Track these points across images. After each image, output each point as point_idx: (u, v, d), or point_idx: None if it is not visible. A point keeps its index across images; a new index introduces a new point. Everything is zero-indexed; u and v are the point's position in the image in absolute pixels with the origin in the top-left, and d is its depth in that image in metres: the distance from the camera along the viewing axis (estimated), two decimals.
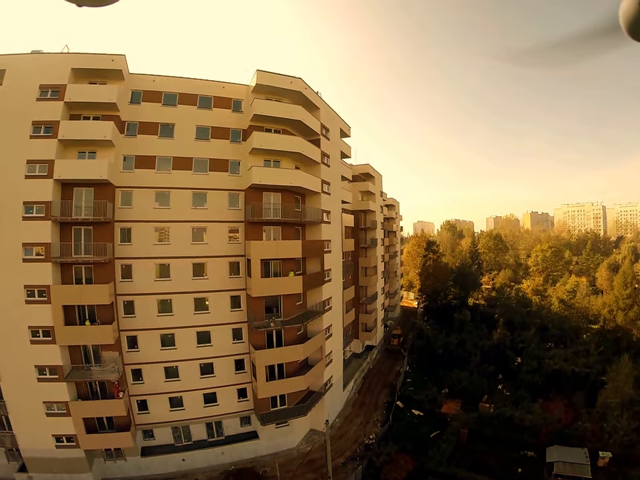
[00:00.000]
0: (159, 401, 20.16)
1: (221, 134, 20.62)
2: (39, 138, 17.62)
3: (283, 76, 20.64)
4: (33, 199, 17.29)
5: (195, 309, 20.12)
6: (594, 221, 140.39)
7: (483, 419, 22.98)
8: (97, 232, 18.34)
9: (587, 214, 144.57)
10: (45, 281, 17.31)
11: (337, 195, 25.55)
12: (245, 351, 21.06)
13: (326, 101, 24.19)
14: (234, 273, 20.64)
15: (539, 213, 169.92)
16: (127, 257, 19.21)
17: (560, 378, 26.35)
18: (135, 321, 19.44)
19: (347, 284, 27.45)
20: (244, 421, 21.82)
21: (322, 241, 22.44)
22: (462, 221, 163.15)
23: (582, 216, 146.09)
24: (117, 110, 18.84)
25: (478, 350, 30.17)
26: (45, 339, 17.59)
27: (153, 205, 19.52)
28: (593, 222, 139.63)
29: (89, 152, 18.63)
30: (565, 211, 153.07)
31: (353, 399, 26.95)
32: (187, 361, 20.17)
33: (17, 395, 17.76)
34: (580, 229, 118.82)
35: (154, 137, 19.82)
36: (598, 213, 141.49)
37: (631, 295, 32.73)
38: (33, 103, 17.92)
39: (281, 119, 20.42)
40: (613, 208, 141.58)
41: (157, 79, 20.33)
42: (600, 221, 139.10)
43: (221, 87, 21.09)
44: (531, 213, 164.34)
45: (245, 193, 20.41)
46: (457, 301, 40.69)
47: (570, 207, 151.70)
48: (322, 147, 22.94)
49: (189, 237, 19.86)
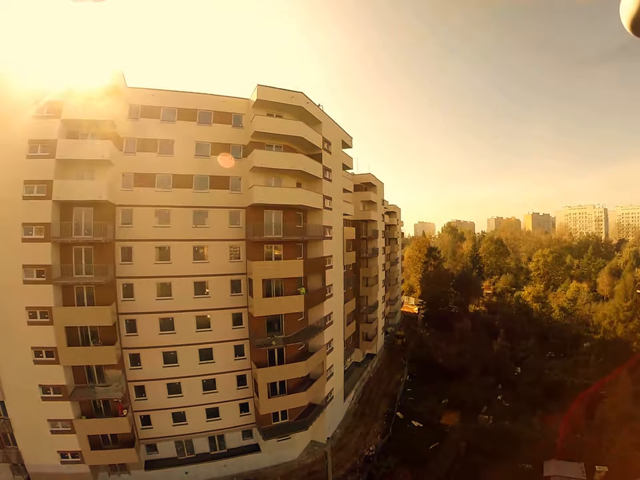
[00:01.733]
0: (162, 416, 20.40)
1: (221, 150, 20.29)
2: (36, 158, 17.37)
3: (284, 91, 20.19)
4: (31, 220, 17.15)
5: (197, 326, 20.17)
6: (596, 223, 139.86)
7: (482, 431, 23.29)
8: (98, 252, 18.23)
9: (589, 216, 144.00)
10: (47, 303, 17.31)
11: (338, 208, 25.33)
12: (246, 367, 21.20)
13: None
14: (235, 291, 20.61)
15: (540, 214, 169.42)
16: (128, 276, 19.15)
17: (559, 389, 26.62)
18: (137, 340, 19.51)
19: (347, 296, 27.49)
20: (246, 434, 22.14)
21: (323, 257, 22.35)
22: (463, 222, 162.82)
23: (584, 218, 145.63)
24: (114, 127, 18.51)
25: (478, 360, 30.44)
26: (49, 359, 17.71)
27: (154, 223, 19.35)
28: (595, 224, 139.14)
29: (88, 171, 18.38)
30: (566, 213, 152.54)
31: (353, 409, 27.31)
32: (189, 377, 20.34)
33: (21, 413, 17.99)
34: (582, 232, 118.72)
35: (153, 154, 19.52)
36: (600, 216, 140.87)
37: (631, 307, 32.78)
38: (29, 120, 17.59)
39: (283, 136, 20.08)
40: (615, 210, 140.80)
41: (155, 93, 19.90)
42: (602, 224, 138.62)
43: (221, 101, 20.66)
44: (532, 214, 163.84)
45: (246, 210, 20.21)
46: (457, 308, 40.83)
47: (572, 209, 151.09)
48: (324, 161, 22.61)
49: (190, 256, 19.77)
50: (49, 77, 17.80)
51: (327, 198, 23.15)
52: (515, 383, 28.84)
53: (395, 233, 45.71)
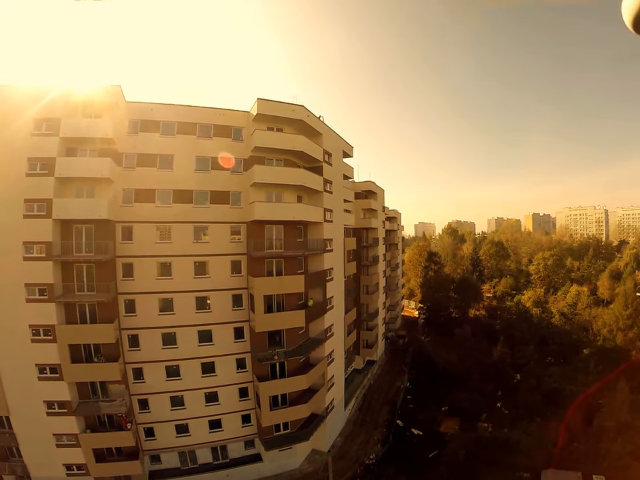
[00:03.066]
0: (165, 428, 20.67)
1: (221, 164, 20.16)
2: (36, 176, 17.27)
3: (285, 104, 19.99)
4: (32, 239, 17.14)
5: (199, 340, 20.30)
6: (596, 224, 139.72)
7: (481, 440, 23.59)
8: (99, 269, 18.26)
9: (590, 217, 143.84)
10: (50, 321, 17.41)
11: (339, 219, 25.27)
12: (248, 380, 21.41)
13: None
14: (237, 305, 20.70)
15: (541, 215, 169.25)
16: (130, 292, 19.21)
17: (558, 397, 26.89)
18: (140, 354, 19.67)
19: (348, 304, 27.60)
20: (248, 444, 22.45)
21: (324, 271, 22.38)
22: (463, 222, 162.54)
23: (584, 219, 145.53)
24: (114, 143, 18.38)
25: (478, 367, 30.69)
26: (53, 376, 17.87)
27: (154, 239, 19.35)
28: (595, 226, 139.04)
29: (87, 188, 18.30)
30: (567, 214, 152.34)
31: (354, 417, 27.66)
32: (192, 390, 20.55)
33: (26, 427, 18.21)
34: (582, 233, 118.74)
35: (153, 169, 19.42)
36: (600, 217, 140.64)
37: (631, 316, 32.93)
38: (28, 137, 17.47)
39: (284, 150, 19.93)
40: (615, 211, 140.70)
41: (154, 107, 19.69)
42: (602, 225, 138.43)
43: (221, 114, 20.46)
44: (532, 214, 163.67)
45: (247, 225, 20.16)
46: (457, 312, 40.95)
47: (572, 210, 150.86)
48: (324, 174, 22.49)
49: (191, 271, 19.80)
50: (47, 94, 17.61)
51: (328, 210, 23.08)
52: (514, 389, 29.16)
53: (395, 238, 45.69)
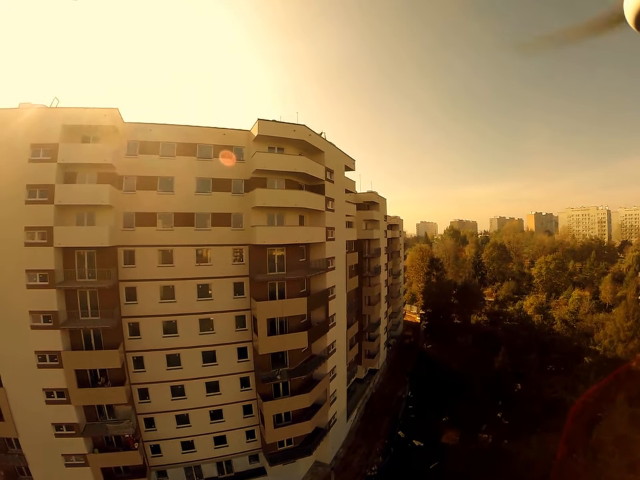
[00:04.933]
0: (171, 445, 21.09)
1: (222, 186, 19.96)
2: (35, 203, 17.13)
3: (286, 124, 19.63)
4: (35, 267, 17.14)
5: (203, 361, 20.51)
6: (598, 225, 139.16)
7: (481, 452, 24.03)
8: (103, 296, 18.30)
9: (592, 218, 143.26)
10: (55, 347, 17.57)
11: (341, 236, 25.13)
12: (252, 397, 21.71)
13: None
14: (240, 326, 20.82)
15: (543, 214, 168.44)
16: (134, 315, 19.32)
17: (559, 407, 27.22)
18: (145, 375, 19.91)
19: (350, 317, 27.72)
20: (252, 459, 22.92)
21: (326, 289, 22.40)
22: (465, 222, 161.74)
23: (586, 220, 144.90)
24: (113, 167, 18.16)
25: (479, 376, 30.95)
26: (60, 399, 18.16)
27: (157, 263, 19.31)
28: (598, 226, 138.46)
29: (88, 213, 18.17)
30: (569, 214, 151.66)
31: (356, 428, 28.13)
32: (197, 408, 20.88)
33: (35, 449, 18.59)
34: (585, 235, 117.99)
35: (153, 192, 19.23)
36: (603, 217, 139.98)
37: (632, 327, 33.04)
38: (26, 164, 17.25)
39: (285, 171, 19.67)
40: (618, 211, 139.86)
41: (153, 127, 19.38)
42: (605, 225, 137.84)
43: (221, 134, 20.14)
44: (535, 214, 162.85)
45: (249, 248, 20.08)
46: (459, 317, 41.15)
47: (574, 211, 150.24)
48: (326, 192, 22.24)
49: (194, 294, 19.84)
50: (43, 119, 17.30)
51: (330, 229, 22.94)
52: (515, 399, 29.53)
53: (397, 245, 45.58)
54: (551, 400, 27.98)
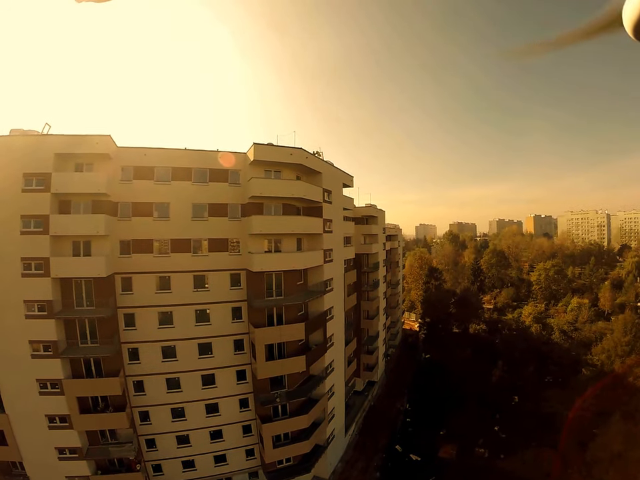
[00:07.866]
0: (172, 464, 21.49)
1: (218, 211, 19.74)
2: (30, 234, 17.04)
3: (282, 148, 19.26)
4: (32, 297, 17.19)
5: (203, 384, 20.70)
6: (598, 229, 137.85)
7: (477, 467, 24.37)
8: (101, 324, 18.37)
9: (591, 222, 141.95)
10: (56, 375, 17.77)
11: (339, 256, 24.93)
12: (252, 418, 21.97)
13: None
14: (239, 350, 20.92)
15: (542, 217, 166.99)
16: (133, 340, 19.43)
17: (555, 421, 27.44)
18: (145, 398, 20.15)
19: (348, 335, 27.76)
20: (252, 475, 23.36)
21: (324, 312, 22.36)
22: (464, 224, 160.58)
23: (586, 224, 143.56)
24: (107, 195, 17.97)
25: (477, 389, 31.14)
26: (62, 425, 18.47)
27: (154, 289, 19.30)
28: (597, 230, 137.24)
29: (84, 242, 18.07)
30: (568, 218, 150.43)
31: (354, 441, 28.49)
32: (197, 429, 21.19)
33: (39, 472, 19.00)
34: (584, 238, 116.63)
35: (149, 218, 19.08)
36: (602, 221, 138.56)
37: (629, 342, 32.92)
38: (19, 194, 17.10)
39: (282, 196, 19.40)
40: (617, 215, 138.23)
41: (148, 152, 19.11)
42: (604, 229, 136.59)
43: (217, 157, 19.80)
44: (534, 216, 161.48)
45: (247, 273, 19.99)
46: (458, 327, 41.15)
47: (574, 215, 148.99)
48: (324, 214, 21.98)
49: (192, 319, 19.89)
50: (36, 149, 17.05)
51: (328, 250, 22.76)
52: (512, 412, 29.75)
53: (396, 256, 45.23)
54: (546, 414, 28.15)
